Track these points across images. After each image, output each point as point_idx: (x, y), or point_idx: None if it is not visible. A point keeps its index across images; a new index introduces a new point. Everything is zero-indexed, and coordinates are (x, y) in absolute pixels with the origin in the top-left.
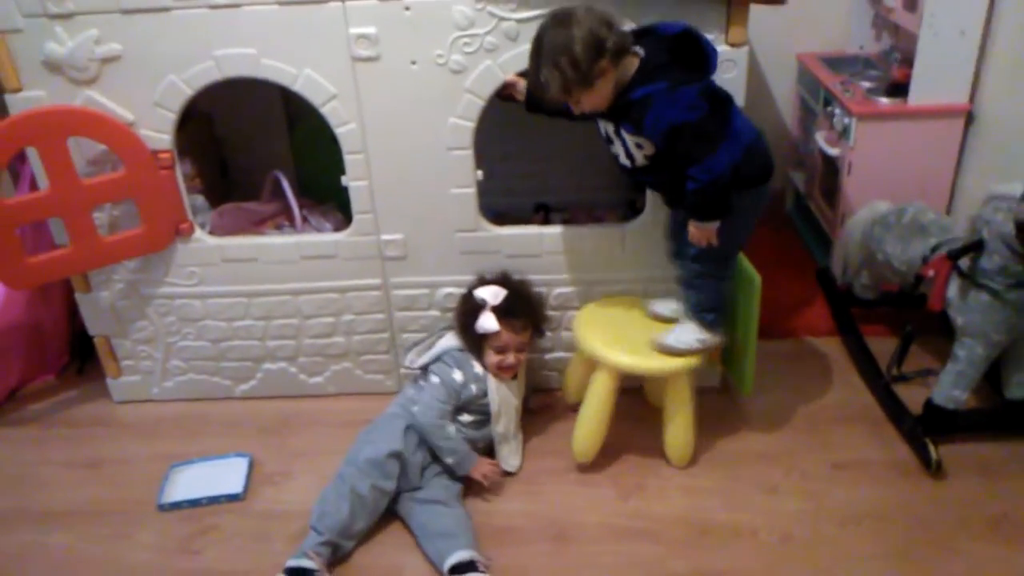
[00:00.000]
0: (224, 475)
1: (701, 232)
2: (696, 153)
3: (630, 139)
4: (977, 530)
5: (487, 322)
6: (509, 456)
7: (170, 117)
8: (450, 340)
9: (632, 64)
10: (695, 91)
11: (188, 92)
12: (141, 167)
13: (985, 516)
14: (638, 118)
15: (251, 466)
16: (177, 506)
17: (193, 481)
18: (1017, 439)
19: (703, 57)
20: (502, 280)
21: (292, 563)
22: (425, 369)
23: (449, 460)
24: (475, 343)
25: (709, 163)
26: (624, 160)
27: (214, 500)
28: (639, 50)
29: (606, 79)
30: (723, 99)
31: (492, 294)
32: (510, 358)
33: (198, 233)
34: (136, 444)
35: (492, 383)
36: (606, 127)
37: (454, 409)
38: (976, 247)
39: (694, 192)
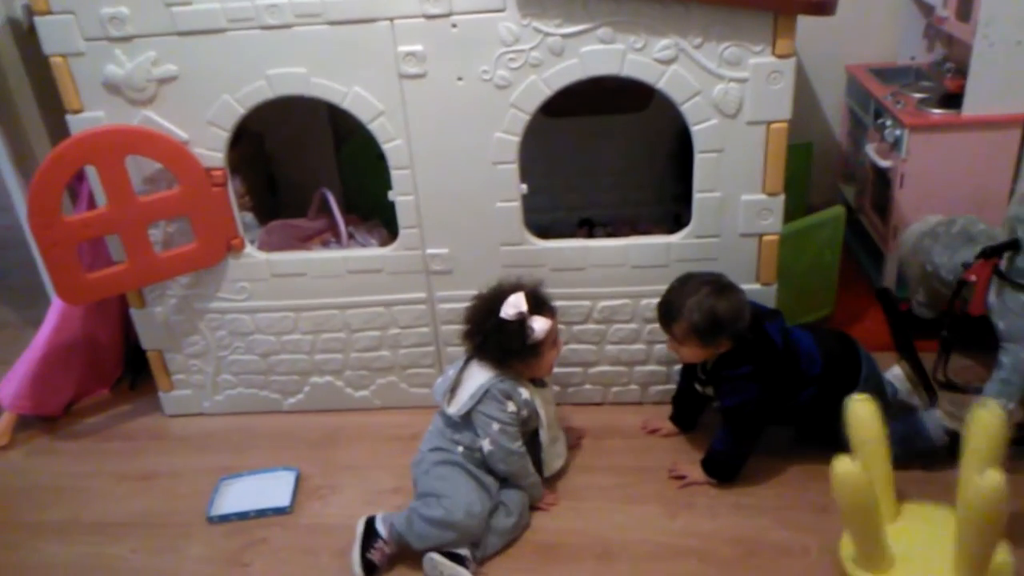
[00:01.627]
0: (272, 488)
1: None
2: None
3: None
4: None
5: (539, 324)
6: (555, 459)
7: (223, 135)
8: (482, 374)
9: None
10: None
11: (240, 111)
12: (195, 185)
13: None
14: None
15: (298, 480)
16: (226, 519)
17: (242, 494)
18: None
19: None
20: (506, 290)
21: (378, 517)
22: (468, 414)
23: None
24: (531, 359)
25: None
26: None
27: (262, 513)
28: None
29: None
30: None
31: (520, 302)
32: (560, 343)
33: (248, 249)
34: (187, 457)
35: (536, 400)
36: (704, 389)
37: None
38: (1012, 246)
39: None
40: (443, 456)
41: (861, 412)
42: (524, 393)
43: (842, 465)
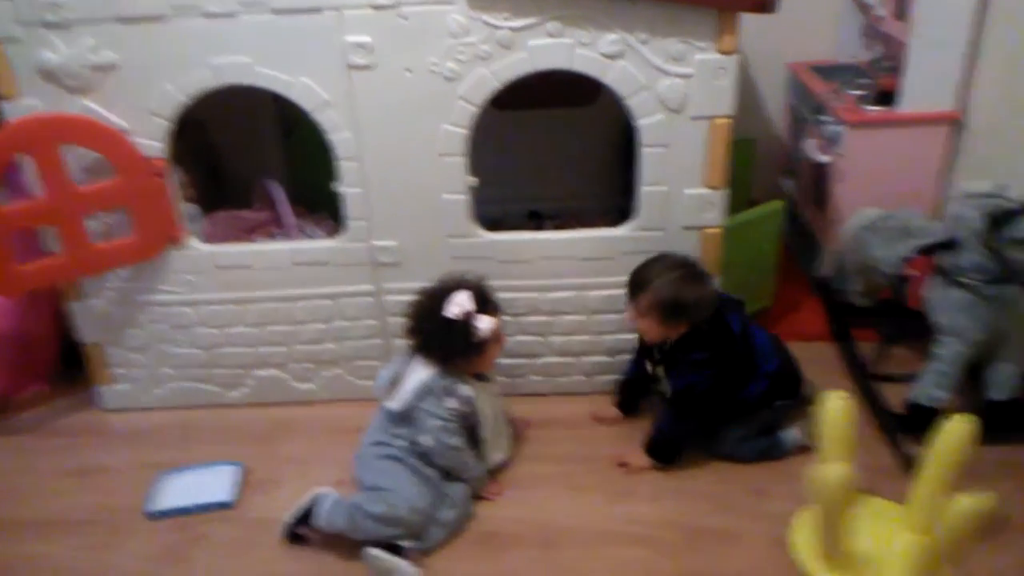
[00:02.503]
0: (214, 483)
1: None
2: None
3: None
4: None
5: (485, 323)
6: (497, 453)
7: (164, 125)
8: (424, 370)
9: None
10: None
11: (183, 100)
12: (135, 175)
13: None
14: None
15: (242, 474)
16: (166, 514)
17: (183, 489)
18: (1000, 440)
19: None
20: (450, 287)
21: (321, 509)
22: (407, 410)
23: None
24: (475, 357)
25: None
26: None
27: (204, 508)
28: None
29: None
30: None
31: (465, 300)
32: (503, 338)
33: (191, 241)
34: (126, 452)
35: (478, 396)
36: (656, 369)
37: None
38: (949, 244)
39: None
40: (385, 450)
41: (837, 409)
42: (465, 390)
43: (832, 470)
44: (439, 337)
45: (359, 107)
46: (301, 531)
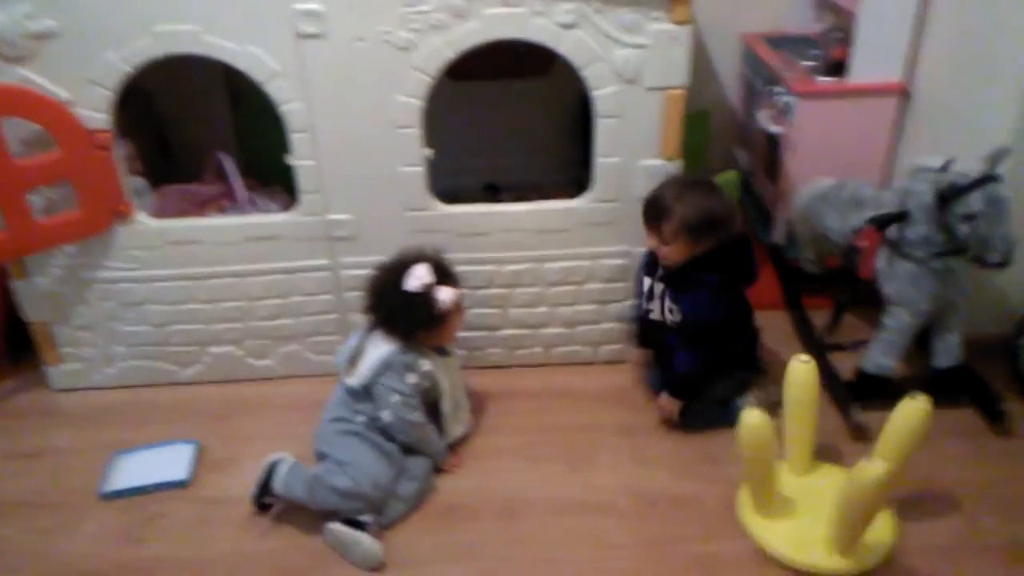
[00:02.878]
0: (169, 462)
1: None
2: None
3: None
4: (903, 492)
5: (446, 294)
6: (456, 427)
7: (107, 95)
8: (385, 345)
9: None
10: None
11: (126, 70)
12: (77, 148)
13: (911, 480)
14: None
15: (197, 452)
16: (120, 494)
17: (137, 468)
18: (945, 406)
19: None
20: (408, 260)
21: (278, 476)
22: (368, 386)
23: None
24: (436, 329)
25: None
26: (657, 316)
27: (159, 487)
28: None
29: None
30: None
31: (425, 273)
32: (463, 310)
33: (139, 216)
34: (78, 433)
35: (438, 370)
36: (655, 286)
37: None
38: (900, 217)
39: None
40: (345, 426)
41: (802, 374)
42: (425, 365)
43: (751, 417)
44: (400, 311)
45: (310, 77)
46: (266, 500)
